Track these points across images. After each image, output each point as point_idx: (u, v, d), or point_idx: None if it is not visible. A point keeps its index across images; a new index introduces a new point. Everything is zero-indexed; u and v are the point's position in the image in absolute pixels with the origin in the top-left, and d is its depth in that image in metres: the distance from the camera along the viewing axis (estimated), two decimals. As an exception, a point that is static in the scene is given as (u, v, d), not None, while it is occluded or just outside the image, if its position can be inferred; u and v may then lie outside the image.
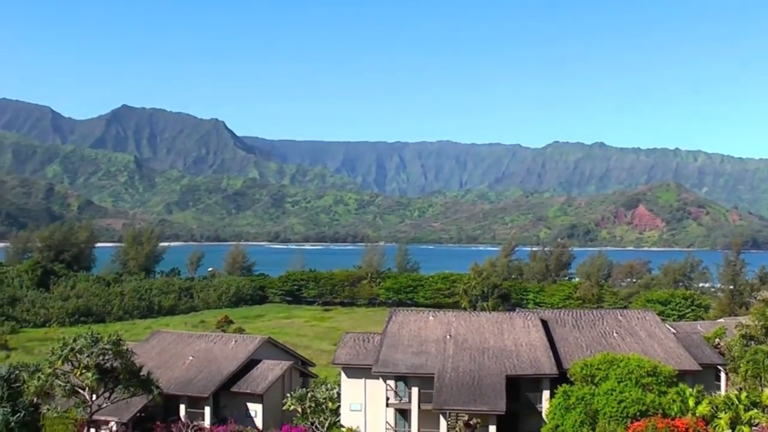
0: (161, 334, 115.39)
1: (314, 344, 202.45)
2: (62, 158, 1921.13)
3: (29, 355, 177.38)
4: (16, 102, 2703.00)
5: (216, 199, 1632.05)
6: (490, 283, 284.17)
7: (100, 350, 77.12)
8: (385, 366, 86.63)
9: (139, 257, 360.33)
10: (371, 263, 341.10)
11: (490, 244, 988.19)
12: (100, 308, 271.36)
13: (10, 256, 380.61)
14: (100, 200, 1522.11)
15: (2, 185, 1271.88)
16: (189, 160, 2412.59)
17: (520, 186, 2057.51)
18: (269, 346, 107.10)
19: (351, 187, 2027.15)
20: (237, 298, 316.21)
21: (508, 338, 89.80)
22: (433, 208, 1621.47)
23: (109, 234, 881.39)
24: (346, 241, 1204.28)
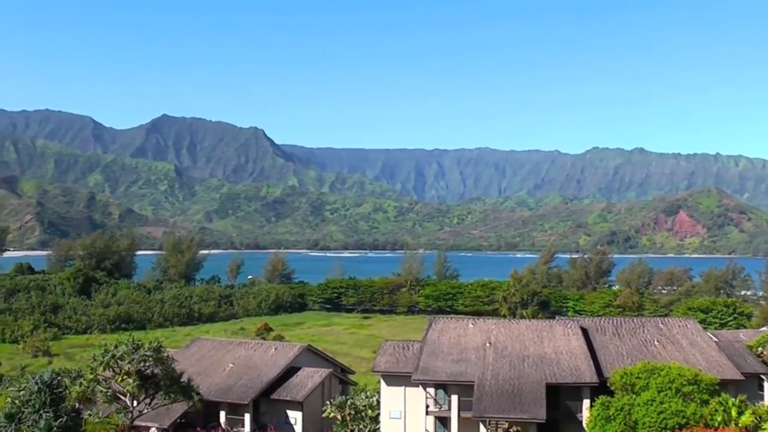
0: (201, 341, 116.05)
1: (354, 352, 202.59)
2: (103, 167, 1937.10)
3: (71, 362, 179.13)
4: (59, 113, 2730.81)
5: (255, 207, 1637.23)
6: (530, 290, 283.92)
7: (141, 357, 77.75)
8: (425, 374, 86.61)
9: (180, 265, 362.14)
10: (410, 271, 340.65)
11: (529, 251, 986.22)
12: (140, 315, 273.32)
13: (52, 264, 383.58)
14: (140, 209, 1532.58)
15: (45, 194, 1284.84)
16: (228, 168, 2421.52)
17: (559, 192, 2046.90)
18: (309, 354, 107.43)
19: (390, 195, 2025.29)
20: (276, 306, 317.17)
21: (548, 346, 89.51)
22: (472, 216, 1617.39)
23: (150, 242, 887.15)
24: (385, 249, 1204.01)
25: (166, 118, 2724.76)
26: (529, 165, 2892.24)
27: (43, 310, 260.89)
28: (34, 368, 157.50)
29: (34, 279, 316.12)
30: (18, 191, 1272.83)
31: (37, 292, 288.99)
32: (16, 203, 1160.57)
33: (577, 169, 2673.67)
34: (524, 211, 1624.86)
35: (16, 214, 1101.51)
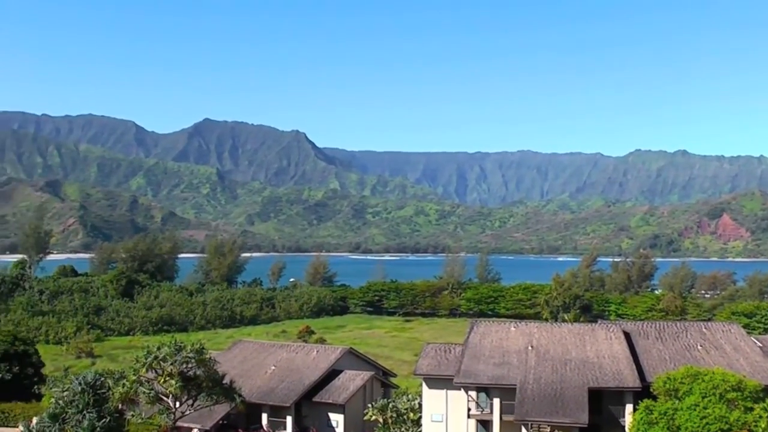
0: (243, 344, 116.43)
1: (395, 355, 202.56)
2: (146, 171, 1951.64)
3: (114, 363, 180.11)
4: (102, 117, 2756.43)
5: (297, 210, 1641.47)
6: (572, 294, 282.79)
7: (183, 358, 78.02)
8: (466, 377, 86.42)
9: (222, 268, 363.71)
10: (452, 274, 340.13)
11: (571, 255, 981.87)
12: (182, 317, 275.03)
13: (95, 267, 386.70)
14: (182, 212, 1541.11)
15: (88, 198, 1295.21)
16: (270, 171, 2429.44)
17: (601, 195, 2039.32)
18: (351, 357, 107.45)
19: (432, 198, 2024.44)
20: (318, 309, 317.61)
21: (591, 350, 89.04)
22: (514, 219, 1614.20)
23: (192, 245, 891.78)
24: (426, 252, 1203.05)
25: (208, 122, 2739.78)
26: (571, 168, 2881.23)
27: (86, 312, 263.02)
28: (77, 369, 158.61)
29: (77, 281, 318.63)
30: (61, 195, 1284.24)
31: (80, 294, 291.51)
32: (60, 207, 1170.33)
33: (620, 171, 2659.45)
34: (566, 215, 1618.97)
35: (60, 218, 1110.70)
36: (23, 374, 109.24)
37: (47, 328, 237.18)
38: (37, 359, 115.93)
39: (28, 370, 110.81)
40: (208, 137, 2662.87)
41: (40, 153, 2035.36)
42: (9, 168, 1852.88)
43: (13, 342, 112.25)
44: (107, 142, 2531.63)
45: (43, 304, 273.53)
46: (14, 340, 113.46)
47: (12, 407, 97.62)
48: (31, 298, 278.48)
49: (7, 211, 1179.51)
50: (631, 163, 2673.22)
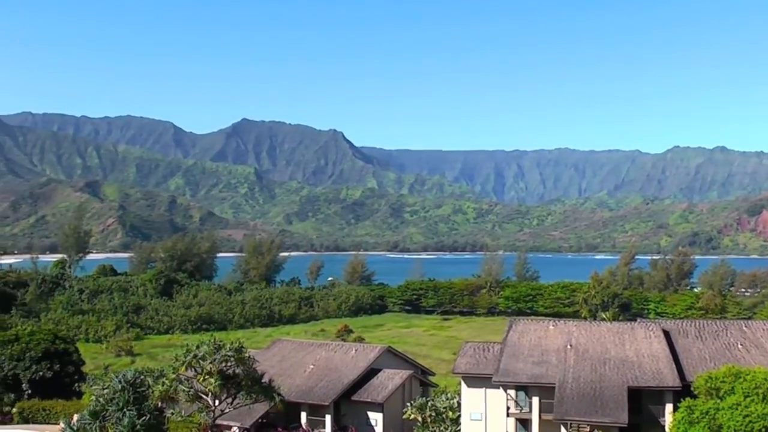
0: (282, 343, 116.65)
1: (434, 353, 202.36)
2: (184, 171, 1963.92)
3: (153, 361, 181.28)
4: (140, 118, 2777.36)
5: (335, 209, 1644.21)
6: (610, 292, 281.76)
7: (222, 357, 78.28)
8: (505, 375, 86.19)
9: (260, 267, 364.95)
10: (490, 272, 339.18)
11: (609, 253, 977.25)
12: (221, 316, 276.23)
13: (134, 266, 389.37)
14: (221, 211, 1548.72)
15: (126, 198, 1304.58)
16: (308, 171, 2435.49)
17: (639, 193, 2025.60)
18: (389, 356, 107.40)
19: (469, 196, 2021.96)
20: (357, 308, 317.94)
21: (630, 349, 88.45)
22: (552, 217, 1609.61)
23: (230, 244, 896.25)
24: (464, 250, 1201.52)
25: (245, 122, 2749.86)
26: (609, 165, 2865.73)
27: (125, 311, 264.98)
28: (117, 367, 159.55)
29: (117, 280, 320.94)
30: (100, 195, 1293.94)
31: (119, 293, 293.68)
32: (99, 207, 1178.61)
33: (658, 168, 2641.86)
34: (604, 212, 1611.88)
35: (99, 218, 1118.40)
36: (64, 372, 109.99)
37: (87, 327, 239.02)
38: (77, 357, 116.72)
39: (69, 368, 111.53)
40: (246, 137, 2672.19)
41: (79, 154, 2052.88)
42: (49, 169, 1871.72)
43: (54, 340, 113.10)
44: (146, 142, 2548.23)
45: (83, 303, 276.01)
46: (55, 339, 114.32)
47: (53, 405, 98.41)
48: (71, 297, 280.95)
49: (48, 212, 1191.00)
50: (669, 160, 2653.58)
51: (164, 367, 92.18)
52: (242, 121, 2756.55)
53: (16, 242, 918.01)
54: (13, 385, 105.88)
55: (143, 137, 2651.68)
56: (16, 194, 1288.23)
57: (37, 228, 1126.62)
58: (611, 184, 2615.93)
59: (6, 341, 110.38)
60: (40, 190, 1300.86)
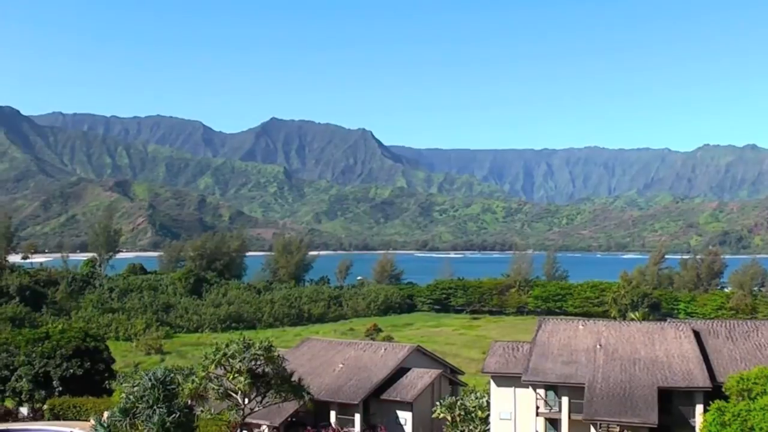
0: (311, 341, 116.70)
1: (463, 352, 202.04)
2: (213, 170, 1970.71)
3: (183, 359, 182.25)
4: (170, 118, 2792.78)
5: (364, 208, 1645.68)
6: (640, 292, 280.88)
7: (252, 356, 78.38)
8: (535, 375, 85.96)
9: (289, 266, 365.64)
10: (519, 271, 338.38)
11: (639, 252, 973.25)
12: (250, 315, 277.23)
13: (164, 265, 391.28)
14: (250, 210, 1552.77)
15: (156, 197, 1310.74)
16: (337, 170, 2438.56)
17: (669, 192, 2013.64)
18: (418, 355, 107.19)
19: (498, 195, 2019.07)
20: (386, 307, 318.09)
21: (660, 349, 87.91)
22: (581, 216, 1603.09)
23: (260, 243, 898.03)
24: (494, 250, 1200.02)
25: (275, 121, 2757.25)
26: (638, 164, 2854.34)
27: (155, 310, 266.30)
28: (147, 365, 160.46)
29: (147, 279, 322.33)
30: (130, 194, 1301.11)
31: (149, 291, 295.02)
32: (129, 206, 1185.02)
33: (688, 167, 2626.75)
34: (634, 211, 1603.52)
35: (129, 217, 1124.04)
36: (94, 370, 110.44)
37: (117, 325, 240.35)
38: (107, 355, 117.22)
39: (99, 366, 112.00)
40: (275, 136, 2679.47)
41: (109, 154, 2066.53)
42: (79, 168, 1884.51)
43: (85, 338, 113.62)
44: (175, 142, 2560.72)
45: (113, 301, 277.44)
46: (85, 337, 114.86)
47: (84, 402, 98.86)
48: (101, 295, 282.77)
49: (78, 211, 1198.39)
50: (699, 159, 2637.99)
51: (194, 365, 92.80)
52: (271, 120, 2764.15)
53: (47, 241, 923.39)
54: (44, 382, 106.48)
55: (173, 137, 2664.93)
56: (46, 193, 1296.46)
57: (68, 227, 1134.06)
58: (641, 183, 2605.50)
59: (37, 339, 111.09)
60: (70, 189, 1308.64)
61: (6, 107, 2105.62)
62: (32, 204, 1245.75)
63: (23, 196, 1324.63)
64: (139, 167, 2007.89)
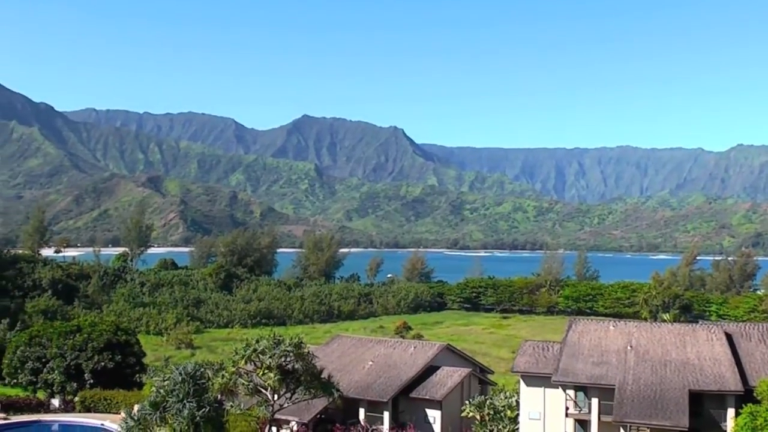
0: (341, 339, 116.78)
1: (492, 351, 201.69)
2: (245, 167, 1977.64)
3: (213, 354, 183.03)
4: (202, 115, 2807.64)
5: (395, 206, 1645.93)
6: (671, 293, 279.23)
7: (282, 352, 78.50)
8: (564, 375, 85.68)
9: (320, 263, 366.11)
10: (550, 271, 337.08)
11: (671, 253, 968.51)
12: (280, 311, 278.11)
13: (194, 260, 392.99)
14: (281, 207, 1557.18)
15: (188, 193, 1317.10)
16: (368, 167, 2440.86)
17: (702, 192, 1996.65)
18: (448, 353, 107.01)
19: (530, 194, 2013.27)
20: (416, 305, 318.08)
21: (691, 351, 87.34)
22: (613, 216, 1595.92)
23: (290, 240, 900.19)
24: (524, 249, 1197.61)
25: (306, 118, 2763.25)
26: (671, 163, 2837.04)
27: (185, 304, 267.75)
28: (177, 360, 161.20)
29: (178, 274, 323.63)
30: (162, 190, 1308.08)
31: (180, 286, 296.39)
32: (161, 202, 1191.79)
33: (721, 167, 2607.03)
34: (666, 211, 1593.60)
35: (161, 212, 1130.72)
36: (125, 363, 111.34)
37: (148, 319, 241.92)
38: (138, 349, 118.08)
39: (130, 360, 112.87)
40: (307, 133, 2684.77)
41: (141, 150, 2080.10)
42: (112, 164, 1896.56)
43: (116, 332, 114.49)
44: (207, 138, 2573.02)
45: (144, 295, 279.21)
46: (117, 330, 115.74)
47: (114, 395, 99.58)
48: (132, 289, 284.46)
49: (110, 206, 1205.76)
50: (733, 159, 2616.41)
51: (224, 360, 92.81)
52: (303, 118, 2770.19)
53: (80, 235, 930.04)
54: (76, 375, 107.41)
55: (205, 133, 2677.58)
56: (79, 189, 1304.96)
57: (100, 222, 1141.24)
58: (673, 183, 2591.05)
59: (69, 332, 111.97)
60: (103, 184, 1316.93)
61: (41, 103, 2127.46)
62: (65, 199, 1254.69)
63: (56, 191, 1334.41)
64: (171, 163, 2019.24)
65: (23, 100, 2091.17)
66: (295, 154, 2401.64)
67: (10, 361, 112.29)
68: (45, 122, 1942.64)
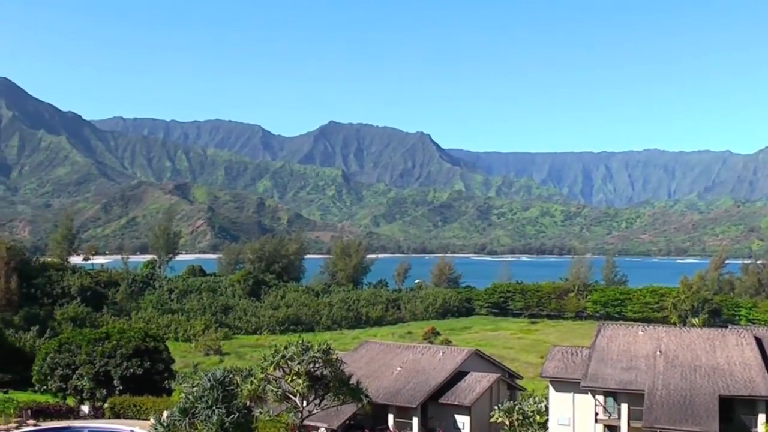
0: (369, 344, 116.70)
1: (521, 357, 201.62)
2: (272, 174, 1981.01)
3: (241, 360, 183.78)
4: (229, 122, 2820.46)
5: (422, 211, 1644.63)
6: (700, 297, 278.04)
7: (310, 358, 78.49)
8: (594, 380, 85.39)
9: (347, 269, 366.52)
10: (578, 276, 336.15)
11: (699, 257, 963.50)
12: (309, 318, 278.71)
13: (222, 267, 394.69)
14: (308, 213, 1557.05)
15: (215, 200, 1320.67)
16: (395, 173, 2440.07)
17: (730, 195, 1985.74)
18: (476, 358, 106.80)
19: (557, 199, 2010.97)
20: (444, 310, 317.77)
21: (721, 356, 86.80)
22: (640, 219, 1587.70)
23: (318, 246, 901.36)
24: (552, 253, 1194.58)
25: (333, 124, 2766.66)
26: (699, 166, 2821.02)
27: (214, 311, 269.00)
28: (205, 366, 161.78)
29: (206, 281, 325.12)
30: (190, 198, 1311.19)
31: (208, 293, 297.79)
32: (188, 209, 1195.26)
33: (750, 170, 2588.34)
34: (694, 215, 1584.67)
35: (188, 219, 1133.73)
36: (154, 369, 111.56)
37: (176, 326, 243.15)
38: (167, 355, 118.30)
39: (159, 366, 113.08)
40: (334, 139, 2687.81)
41: (169, 157, 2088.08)
42: (139, 172, 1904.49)
43: (144, 338, 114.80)
44: (234, 145, 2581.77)
45: (172, 302, 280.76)
46: (145, 337, 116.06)
47: (143, 401, 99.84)
48: (161, 296, 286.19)
49: (138, 214, 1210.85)
50: (761, 161, 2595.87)
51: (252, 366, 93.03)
52: (330, 124, 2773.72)
53: (108, 243, 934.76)
54: (105, 381, 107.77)
55: (231, 140, 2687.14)
56: (107, 196, 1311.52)
57: (128, 229, 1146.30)
58: (701, 186, 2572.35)
59: (98, 339, 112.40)
60: (130, 192, 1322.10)
61: (69, 113, 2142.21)
62: (93, 207, 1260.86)
63: (84, 199, 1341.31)
64: (199, 171, 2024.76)
65: (51, 110, 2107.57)
66: (321, 161, 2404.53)
67: (39, 368, 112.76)
68: (73, 131, 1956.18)
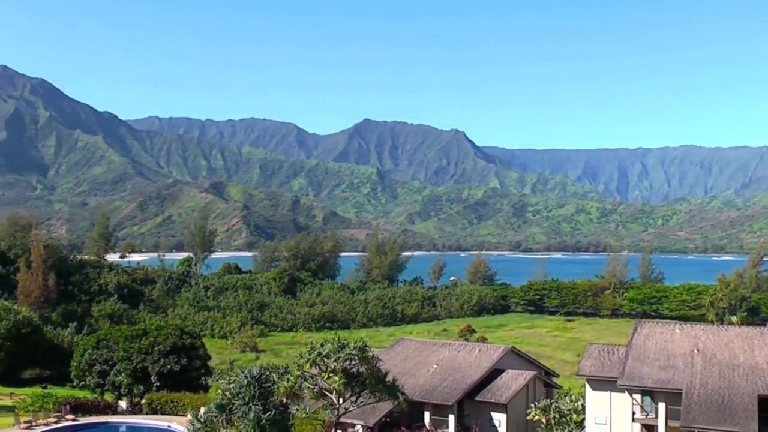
0: (405, 342, 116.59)
1: (557, 354, 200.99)
2: (307, 172, 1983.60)
3: (277, 358, 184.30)
4: (264, 121, 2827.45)
5: (457, 209, 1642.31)
6: (738, 295, 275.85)
7: (346, 355, 78.54)
8: (630, 379, 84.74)
9: (383, 266, 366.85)
10: (614, 273, 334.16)
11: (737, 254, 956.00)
12: (344, 315, 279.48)
13: (258, 265, 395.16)
14: (343, 211, 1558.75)
15: (250, 198, 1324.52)
16: (430, 170, 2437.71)
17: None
18: (512, 356, 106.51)
19: (592, 196, 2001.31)
20: (479, 307, 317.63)
21: (760, 355, 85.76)
22: (677, 216, 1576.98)
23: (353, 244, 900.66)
24: (588, 251, 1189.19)
25: (368, 122, 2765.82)
26: (736, 163, 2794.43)
27: (249, 308, 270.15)
28: (242, 363, 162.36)
29: (241, 278, 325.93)
30: (225, 196, 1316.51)
31: (244, 291, 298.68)
32: (224, 207, 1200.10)
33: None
34: (731, 212, 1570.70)
35: (224, 218, 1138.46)
36: (191, 366, 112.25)
37: (213, 323, 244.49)
38: (203, 352, 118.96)
39: (195, 363, 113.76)
40: (368, 137, 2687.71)
41: (204, 156, 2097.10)
42: (175, 171, 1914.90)
43: (181, 335, 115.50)
44: (269, 144, 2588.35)
45: (208, 300, 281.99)
46: (182, 334, 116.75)
47: (181, 397, 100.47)
48: (197, 294, 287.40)
49: (174, 212, 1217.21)
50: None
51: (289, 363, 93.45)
52: (364, 122, 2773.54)
53: (144, 241, 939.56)
54: (142, 377, 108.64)
55: (266, 139, 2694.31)
56: (143, 195, 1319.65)
57: (164, 227, 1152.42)
58: (739, 182, 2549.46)
59: (135, 335, 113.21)
60: (166, 191, 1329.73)
61: (105, 112, 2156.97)
62: (129, 205, 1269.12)
63: (121, 197, 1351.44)
64: (234, 169, 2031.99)
65: (88, 110, 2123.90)
66: (356, 158, 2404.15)
67: (78, 364, 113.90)
68: (109, 131, 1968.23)
